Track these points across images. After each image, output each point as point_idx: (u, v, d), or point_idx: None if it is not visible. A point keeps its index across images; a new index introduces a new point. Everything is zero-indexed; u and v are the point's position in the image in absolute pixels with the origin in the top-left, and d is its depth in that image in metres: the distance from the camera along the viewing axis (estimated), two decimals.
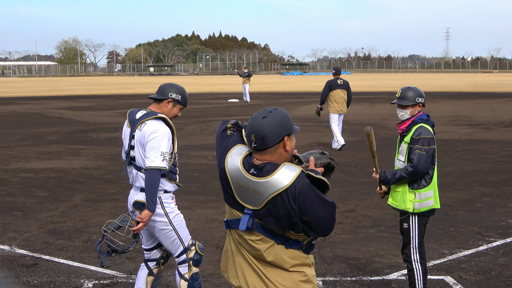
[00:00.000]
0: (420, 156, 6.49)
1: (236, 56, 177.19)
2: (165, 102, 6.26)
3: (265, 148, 3.98)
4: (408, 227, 6.68)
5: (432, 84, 71.63)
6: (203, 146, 20.02)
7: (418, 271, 6.64)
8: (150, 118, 6.09)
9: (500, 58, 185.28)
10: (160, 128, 6.04)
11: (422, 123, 6.70)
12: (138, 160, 6.13)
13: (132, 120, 6.18)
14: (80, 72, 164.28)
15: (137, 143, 6.09)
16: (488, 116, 30.17)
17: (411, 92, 6.84)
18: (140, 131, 6.07)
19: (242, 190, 4.00)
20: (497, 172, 15.20)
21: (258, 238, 4.03)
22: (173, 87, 6.34)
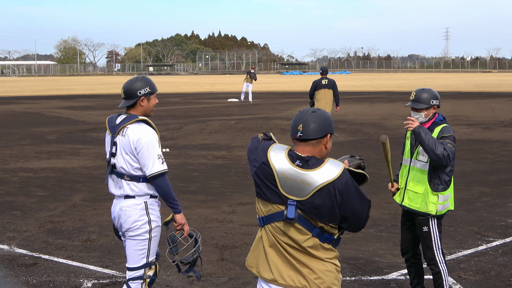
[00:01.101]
0: (451, 149, 6.42)
1: (235, 56, 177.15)
2: (139, 102, 5.95)
3: (309, 140, 4.24)
4: (429, 230, 6.64)
5: (431, 84, 71.58)
6: (203, 146, 20.01)
7: (444, 272, 6.64)
8: (131, 122, 5.84)
9: (499, 58, 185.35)
10: (145, 132, 5.81)
11: (444, 123, 6.66)
12: (121, 167, 5.82)
13: (113, 126, 5.93)
14: (80, 71, 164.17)
15: (121, 149, 5.82)
16: (488, 116, 30.17)
17: (425, 94, 6.70)
18: (124, 137, 5.81)
19: (287, 181, 4.17)
20: (497, 172, 15.21)
21: (298, 230, 4.21)
22: (136, 83, 5.96)
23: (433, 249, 6.64)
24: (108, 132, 5.99)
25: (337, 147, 19.86)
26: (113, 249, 9.09)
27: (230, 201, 12.24)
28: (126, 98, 5.97)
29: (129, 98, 5.95)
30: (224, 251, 9.02)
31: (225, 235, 9.83)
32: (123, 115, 5.97)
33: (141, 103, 5.97)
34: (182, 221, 6.00)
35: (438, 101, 6.72)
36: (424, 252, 6.74)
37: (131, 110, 5.99)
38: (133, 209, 5.82)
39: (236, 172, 15.30)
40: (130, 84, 5.97)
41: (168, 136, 22.54)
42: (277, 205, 4.22)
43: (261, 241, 4.41)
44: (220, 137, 21.80)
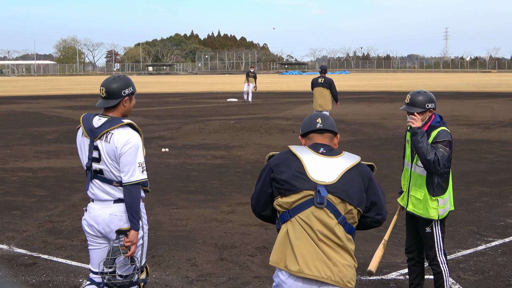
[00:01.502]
0: (443, 154, 6.41)
1: (235, 56, 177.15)
2: (122, 102, 5.62)
3: (327, 131, 4.72)
4: (432, 231, 6.64)
5: (431, 84, 71.61)
6: (202, 146, 20.01)
7: (446, 273, 6.64)
8: (116, 126, 5.48)
9: (498, 58, 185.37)
10: (131, 138, 5.49)
11: (441, 126, 6.60)
12: (108, 173, 5.53)
13: (91, 129, 5.51)
14: (79, 71, 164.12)
15: (106, 155, 5.47)
16: (487, 116, 30.18)
17: (420, 97, 6.59)
18: (109, 143, 5.46)
19: (315, 168, 4.49)
20: (496, 172, 15.21)
21: (327, 215, 4.45)
22: (120, 81, 5.61)
23: (435, 249, 6.64)
24: (85, 135, 5.58)
25: None
26: None
27: (230, 201, 12.23)
28: (109, 97, 5.57)
29: (113, 97, 5.57)
30: (224, 251, 9.02)
31: (224, 235, 9.83)
32: (103, 118, 5.58)
33: (124, 103, 5.64)
34: (134, 239, 5.51)
35: (433, 104, 6.63)
36: (427, 252, 6.74)
37: (110, 111, 5.63)
38: (126, 214, 5.56)
39: (235, 172, 15.30)
40: (113, 82, 5.59)
41: (168, 136, 22.54)
42: (307, 191, 4.46)
43: (287, 236, 4.53)
44: (219, 137, 21.80)
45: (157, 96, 51.21)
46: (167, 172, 15.34)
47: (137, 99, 39.42)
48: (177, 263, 8.49)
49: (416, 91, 6.71)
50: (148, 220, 10.70)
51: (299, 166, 4.50)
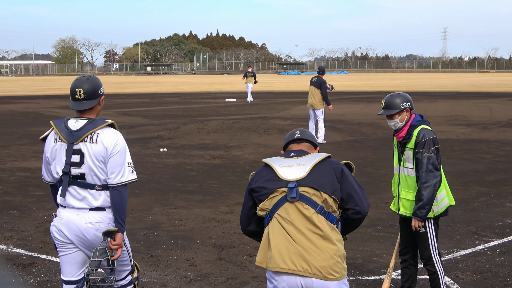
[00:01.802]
0: (429, 158, 6.40)
1: (233, 56, 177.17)
2: (99, 101, 5.45)
3: (304, 140, 5.07)
4: (426, 231, 6.60)
5: (429, 84, 71.66)
6: (201, 146, 20.01)
7: (441, 272, 6.60)
8: (101, 126, 5.29)
9: (497, 58, 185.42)
10: (118, 138, 5.33)
11: (421, 125, 6.59)
12: (91, 177, 5.27)
13: (69, 133, 5.28)
14: (78, 71, 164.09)
15: (91, 157, 5.24)
16: (485, 116, 30.19)
17: (394, 99, 6.64)
18: (95, 144, 5.24)
19: (285, 169, 4.79)
20: (494, 172, 15.22)
21: (303, 206, 4.65)
22: (95, 81, 5.43)
23: (430, 250, 6.61)
24: (60, 139, 5.33)
25: (334, 147, 19.88)
26: None
27: (228, 201, 12.24)
28: (88, 98, 5.35)
29: (91, 98, 5.37)
30: (222, 251, 9.02)
31: (222, 235, 9.83)
32: (81, 120, 5.35)
33: (100, 103, 5.46)
34: (121, 242, 5.31)
35: (409, 103, 6.65)
36: (421, 252, 6.70)
37: (86, 113, 5.42)
38: (106, 224, 5.31)
39: (233, 172, 15.30)
40: (88, 83, 5.39)
41: (166, 136, 22.54)
42: (280, 189, 4.74)
43: (267, 237, 4.71)
44: (218, 137, 21.80)
45: (155, 96, 51.20)
46: (165, 172, 15.34)
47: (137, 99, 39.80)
48: (176, 263, 8.49)
49: (390, 94, 6.75)
50: (146, 220, 10.74)
51: (271, 171, 4.86)
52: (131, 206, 11.78)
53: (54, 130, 5.42)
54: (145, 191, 13.16)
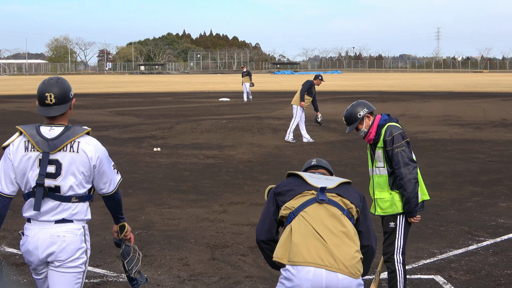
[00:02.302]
0: (401, 153, 6.41)
1: (227, 55, 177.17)
2: (71, 105, 5.02)
3: (321, 167, 5.36)
4: (395, 227, 6.54)
5: (422, 84, 71.78)
6: (194, 145, 20.00)
7: (400, 273, 6.52)
8: (81, 134, 4.89)
9: (490, 58, 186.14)
10: (99, 146, 4.97)
11: (388, 122, 6.60)
12: (68, 189, 4.86)
13: (44, 141, 4.82)
14: (71, 70, 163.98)
15: (71, 168, 4.83)
16: (478, 116, 30.25)
17: (350, 113, 6.74)
18: (77, 153, 4.84)
19: (313, 179, 4.99)
20: (487, 171, 15.25)
21: (332, 207, 4.80)
22: (65, 84, 4.99)
23: (394, 247, 6.54)
24: (34, 149, 4.86)
25: (328, 146, 19.90)
26: (104, 249, 9.08)
27: (221, 200, 12.23)
28: (59, 103, 4.90)
29: (63, 102, 4.92)
30: (215, 250, 9.02)
31: (216, 234, 9.83)
32: (56, 127, 4.91)
33: (71, 106, 5.05)
34: (129, 228, 5.42)
35: (365, 108, 6.70)
36: (385, 248, 6.64)
37: (59, 118, 4.98)
38: (74, 235, 4.90)
39: (227, 172, 15.30)
40: (58, 86, 4.93)
41: (159, 135, 22.52)
42: (309, 191, 4.88)
43: (290, 233, 4.71)
44: (211, 136, 21.79)
45: (149, 96, 51.16)
46: (159, 172, 15.33)
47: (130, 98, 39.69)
48: (169, 262, 8.48)
49: (346, 110, 6.86)
50: (139, 220, 10.73)
51: (299, 179, 5.02)
52: (125, 205, 11.71)
53: (25, 137, 4.90)
54: (138, 190, 13.15)
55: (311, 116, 23.68)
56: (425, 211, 11.16)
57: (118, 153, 18.37)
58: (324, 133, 23.23)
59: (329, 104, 37.83)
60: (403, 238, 6.57)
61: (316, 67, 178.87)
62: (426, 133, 23.18)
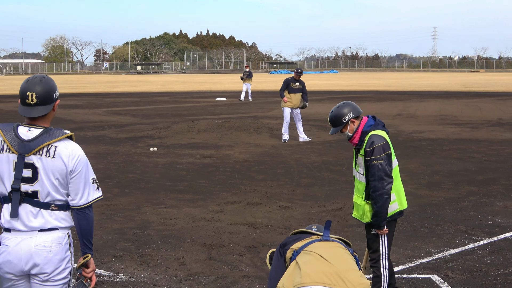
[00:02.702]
0: (378, 166, 6.31)
1: (223, 55, 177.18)
2: (53, 107, 4.68)
3: None
4: (377, 233, 6.53)
5: (419, 83, 71.83)
6: (191, 145, 19.99)
7: (385, 278, 6.50)
8: (59, 139, 4.55)
9: (486, 57, 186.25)
10: (79, 152, 4.61)
11: (372, 130, 6.47)
12: (46, 195, 4.55)
13: (20, 142, 4.51)
14: (67, 70, 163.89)
15: (47, 173, 4.51)
16: (475, 115, 30.28)
17: (336, 115, 6.62)
18: (53, 158, 4.51)
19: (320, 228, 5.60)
20: (484, 171, 15.26)
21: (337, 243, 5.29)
22: (49, 83, 4.67)
23: (379, 254, 6.52)
24: (10, 150, 4.54)
25: (325, 146, 19.90)
26: (101, 248, 9.07)
27: (218, 200, 12.22)
28: (41, 103, 4.58)
29: (46, 103, 4.60)
30: (212, 250, 9.01)
31: (212, 234, 9.82)
32: (35, 128, 4.59)
33: (55, 108, 4.71)
34: (94, 266, 4.85)
35: (351, 113, 6.57)
36: (370, 254, 6.64)
37: (39, 120, 4.64)
38: (58, 245, 4.60)
39: (224, 171, 15.29)
40: (41, 85, 4.62)
41: (156, 135, 22.51)
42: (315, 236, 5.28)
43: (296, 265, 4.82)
44: (208, 136, 21.78)
45: (145, 95, 51.13)
46: (155, 171, 15.31)
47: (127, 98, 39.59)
48: (166, 262, 8.47)
49: (331, 111, 6.71)
50: (136, 219, 10.71)
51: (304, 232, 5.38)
52: (121, 205, 11.76)
53: (1, 137, 4.58)
54: (135, 190, 13.14)
55: (308, 116, 23.68)
56: (422, 211, 11.20)
57: (115, 153, 18.37)
58: (321, 133, 23.24)
59: (326, 104, 37.85)
60: (387, 244, 6.54)
61: (312, 67, 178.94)
62: (422, 132, 23.20)
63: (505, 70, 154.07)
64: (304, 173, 15.00)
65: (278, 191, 13.03)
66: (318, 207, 11.60)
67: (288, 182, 13.98)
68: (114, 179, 14.31)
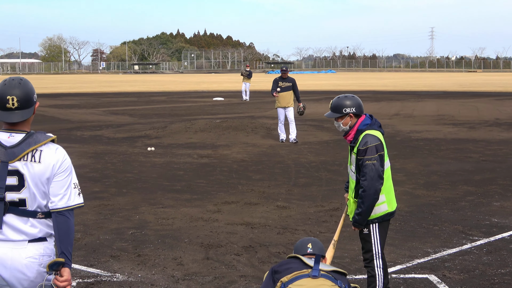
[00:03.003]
0: (371, 166, 6.26)
1: (221, 55, 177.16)
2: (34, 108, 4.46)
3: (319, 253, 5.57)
4: (369, 233, 6.48)
5: (416, 83, 71.87)
6: (188, 145, 19.98)
7: (379, 277, 6.47)
8: (44, 142, 4.38)
9: (484, 57, 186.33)
10: (64, 155, 4.44)
11: (367, 129, 6.42)
12: (33, 202, 4.33)
13: (2, 149, 4.29)
14: (64, 70, 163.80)
15: (33, 179, 4.29)
16: (472, 116, 30.31)
17: (339, 102, 6.52)
18: (39, 163, 4.31)
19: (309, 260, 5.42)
20: (481, 171, 15.27)
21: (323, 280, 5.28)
22: (27, 85, 4.40)
23: (373, 253, 6.48)
24: None
25: (322, 146, 19.91)
26: (98, 248, 9.06)
27: (216, 200, 12.22)
28: (22, 107, 4.33)
29: (27, 106, 4.36)
30: (209, 250, 9.01)
31: (210, 234, 9.81)
32: (16, 133, 4.36)
33: (35, 111, 4.48)
34: (69, 278, 4.36)
35: (354, 108, 6.50)
36: (363, 254, 6.60)
37: (20, 124, 4.40)
38: (49, 257, 4.39)
39: (221, 171, 15.29)
40: (20, 88, 4.35)
41: (153, 135, 22.50)
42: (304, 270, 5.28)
43: None
44: (205, 136, 21.78)
45: (143, 95, 51.10)
46: (153, 171, 15.31)
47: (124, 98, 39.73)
48: (163, 262, 8.47)
49: (337, 96, 6.63)
50: (133, 219, 10.71)
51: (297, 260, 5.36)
52: (119, 205, 11.75)
53: None
54: (132, 190, 13.13)
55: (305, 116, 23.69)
56: (419, 211, 11.20)
57: (112, 153, 18.36)
58: (318, 133, 23.25)
59: (323, 104, 37.85)
60: (380, 243, 6.50)
61: (310, 67, 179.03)
62: (420, 132, 23.22)
63: (502, 70, 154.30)
64: (302, 173, 15.00)
65: (276, 191, 13.03)
66: (315, 207, 11.60)
67: (285, 182, 13.98)
68: (111, 179, 14.30)
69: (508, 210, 11.40)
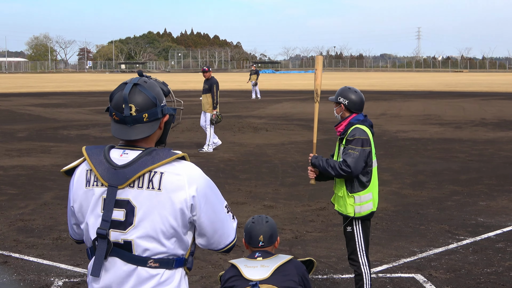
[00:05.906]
0: (352, 155, 6.32)
1: (208, 54, 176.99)
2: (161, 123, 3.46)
3: (269, 245, 5.12)
4: (352, 231, 6.52)
5: (403, 83, 72.04)
6: (175, 144, 19.95)
7: (366, 275, 6.49)
8: (167, 161, 3.24)
9: (470, 57, 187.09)
10: (196, 176, 3.47)
11: (358, 124, 6.50)
12: (142, 247, 3.19)
13: (111, 168, 3.21)
14: (51, 68, 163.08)
15: (150, 213, 3.17)
16: (459, 115, 30.42)
17: (340, 90, 6.74)
18: (158, 190, 3.19)
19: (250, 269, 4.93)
20: (467, 170, 15.32)
21: None
22: (156, 90, 3.65)
23: (357, 251, 6.51)
24: (97, 182, 3.24)
25: (310, 145, 19.89)
26: (84, 248, 9.02)
27: None
28: (142, 118, 3.31)
29: (150, 118, 3.36)
30: (196, 249, 8.98)
31: None
32: (131, 150, 3.30)
33: (162, 124, 3.47)
34: None
35: (346, 101, 6.61)
36: (348, 252, 6.62)
37: (143, 140, 3.35)
38: None
39: (208, 171, 15.27)
40: (138, 93, 3.43)
41: None
42: None
43: None
44: (192, 135, 21.75)
45: None
46: None
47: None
48: None
49: (348, 87, 6.81)
50: None
51: (237, 271, 4.99)
52: None
53: (87, 165, 3.31)
54: None
55: (292, 115, 23.67)
56: (405, 210, 11.24)
57: None
58: (306, 132, 23.28)
59: (310, 103, 37.85)
60: (364, 241, 6.53)
61: (297, 66, 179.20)
62: (406, 132, 23.28)
63: (488, 70, 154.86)
64: (289, 173, 15.01)
65: (263, 190, 13.03)
66: (302, 206, 11.61)
67: (272, 181, 13.99)
68: None
69: (494, 209, 11.46)
